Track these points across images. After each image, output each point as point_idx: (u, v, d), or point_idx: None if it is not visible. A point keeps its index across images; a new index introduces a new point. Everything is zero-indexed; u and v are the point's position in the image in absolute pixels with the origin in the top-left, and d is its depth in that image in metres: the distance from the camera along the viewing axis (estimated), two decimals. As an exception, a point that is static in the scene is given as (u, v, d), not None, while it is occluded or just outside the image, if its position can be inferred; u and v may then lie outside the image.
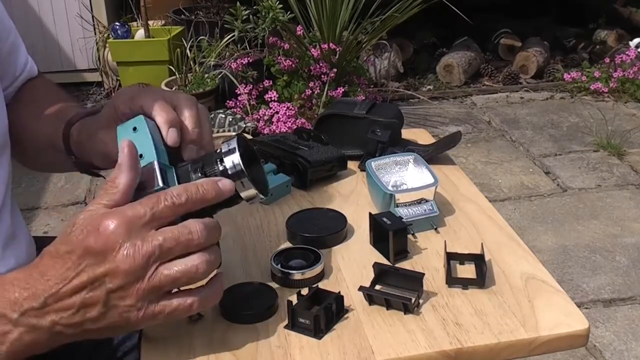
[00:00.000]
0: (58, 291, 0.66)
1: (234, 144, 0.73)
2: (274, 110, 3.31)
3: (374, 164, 1.00)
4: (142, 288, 0.65)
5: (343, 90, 3.39)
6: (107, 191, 0.68)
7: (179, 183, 0.73)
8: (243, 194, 0.73)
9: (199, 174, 0.73)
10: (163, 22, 4.01)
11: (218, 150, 0.74)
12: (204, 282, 0.70)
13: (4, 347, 0.67)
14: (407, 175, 1.01)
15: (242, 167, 0.71)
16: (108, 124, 0.83)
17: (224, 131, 3.28)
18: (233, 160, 0.72)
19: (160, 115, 0.77)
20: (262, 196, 0.74)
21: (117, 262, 0.64)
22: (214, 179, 0.71)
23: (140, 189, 0.71)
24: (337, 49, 3.47)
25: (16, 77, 1.02)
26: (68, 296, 0.66)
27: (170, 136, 0.76)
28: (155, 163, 0.72)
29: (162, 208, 0.66)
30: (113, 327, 0.68)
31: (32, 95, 1.03)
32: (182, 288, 0.69)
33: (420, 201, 0.94)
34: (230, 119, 3.35)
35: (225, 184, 0.71)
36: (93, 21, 4.02)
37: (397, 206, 0.93)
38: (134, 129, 0.75)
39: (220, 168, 0.72)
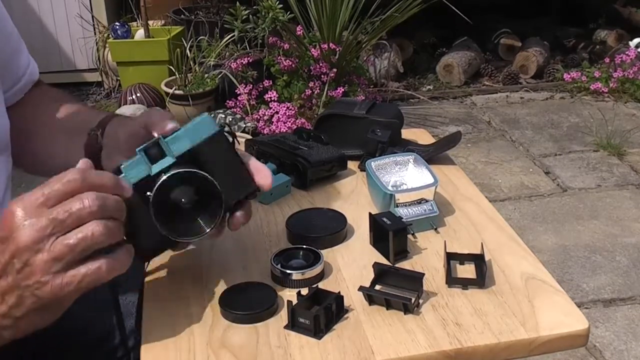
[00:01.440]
0: None
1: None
2: (273, 110, 3.31)
3: (374, 164, 1.00)
4: (43, 260, 0.66)
5: (343, 90, 3.39)
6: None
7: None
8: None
9: None
10: (163, 22, 4.01)
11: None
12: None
13: None
14: (407, 175, 1.01)
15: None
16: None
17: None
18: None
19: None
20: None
21: (16, 241, 0.66)
22: (117, 177, 0.72)
23: None
24: (337, 49, 3.47)
25: (18, 79, 1.02)
26: None
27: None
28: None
29: (56, 187, 0.68)
30: (36, 309, 0.69)
31: (45, 95, 1.04)
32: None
33: (420, 201, 0.94)
34: (230, 119, 3.35)
35: (125, 183, 0.72)
36: (93, 21, 4.02)
37: (397, 206, 0.93)
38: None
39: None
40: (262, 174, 0.80)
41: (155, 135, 0.78)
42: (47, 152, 1.00)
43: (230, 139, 0.78)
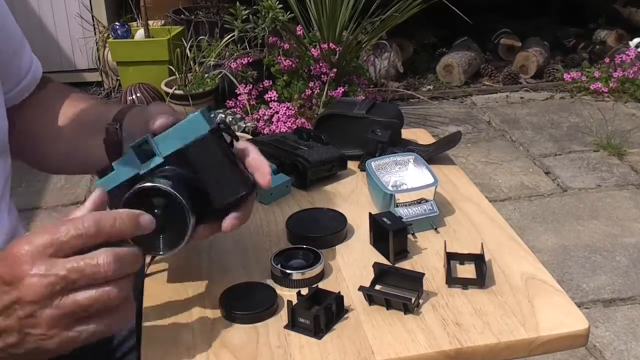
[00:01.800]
0: None
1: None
2: (273, 110, 3.31)
3: (374, 164, 1.00)
4: (50, 315, 0.63)
5: (343, 90, 3.39)
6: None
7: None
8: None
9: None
10: (163, 22, 4.01)
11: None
12: None
13: None
14: (407, 175, 1.01)
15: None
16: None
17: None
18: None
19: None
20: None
21: (22, 292, 0.63)
22: (135, 212, 0.68)
23: None
24: (337, 49, 3.47)
25: (20, 79, 1.01)
26: None
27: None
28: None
29: (69, 238, 0.64)
30: (38, 352, 0.66)
31: (52, 93, 1.03)
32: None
33: (420, 201, 0.94)
34: (230, 119, 3.35)
35: (146, 220, 0.68)
36: (93, 21, 4.02)
37: (397, 206, 0.93)
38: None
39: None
40: (260, 171, 0.77)
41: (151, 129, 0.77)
42: (56, 153, 1.00)
43: (229, 137, 0.77)
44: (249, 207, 0.78)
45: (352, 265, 0.87)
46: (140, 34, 3.74)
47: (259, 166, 0.78)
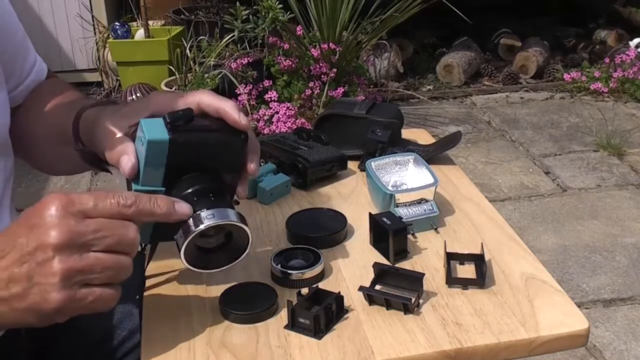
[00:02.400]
0: None
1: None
2: (273, 110, 3.31)
3: (374, 164, 1.00)
4: (67, 267, 0.65)
5: (343, 90, 3.39)
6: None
7: (173, 191, 0.74)
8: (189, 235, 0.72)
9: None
10: (163, 22, 4.01)
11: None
12: None
13: None
14: (407, 175, 1.01)
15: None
16: (122, 117, 0.82)
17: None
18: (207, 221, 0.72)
19: (225, 102, 0.78)
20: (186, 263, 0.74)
21: (49, 235, 0.65)
22: (172, 199, 0.71)
23: None
24: (337, 49, 3.47)
25: (22, 80, 1.00)
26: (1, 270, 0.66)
27: (243, 118, 0.77)
28: (133, 190, 0.74)
29: (106, 204, 0.67)
30: (38, 309, 0.66)
31: (40, 94, 1.01)
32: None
33: (420, 201, 0.94)
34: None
35: (183, 207, 0.72)
36: (93, 21, 4.02)
37: (397, 206, 0.93)
38: (141, 141, 0.74)
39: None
40: (229, 116, 0.77)
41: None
42: (45, 155, 0.99)
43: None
44: (253, 145, 0.80)
45: (352, 265, 0.87)
46: (140, 34, 3.74)
47: (226, 113, 0.78)
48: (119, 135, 0.79)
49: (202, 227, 0.71)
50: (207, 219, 0.72)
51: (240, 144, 0.78)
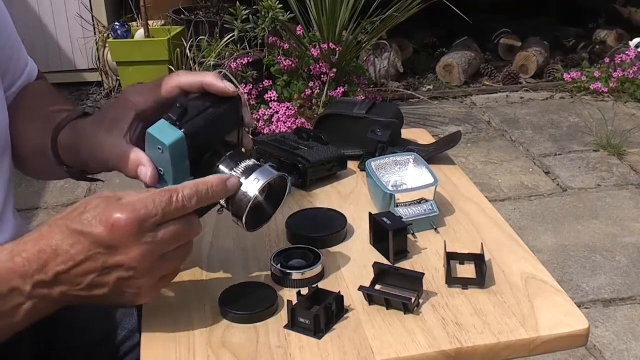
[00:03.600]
0: (69, 270, 0.69)
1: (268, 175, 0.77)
2: (273, 110, 3.31)
3: (374, 164, 1.00)
4: (148, 281, 0.71)
5: (343, 90, 3.39)
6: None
7: (200, 173, 0.77)
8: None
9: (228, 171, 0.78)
10: (163, 22, 4.01)
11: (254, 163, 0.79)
12: None
13: (19, 317, 0.70)
14: (407, 175, 1.01)
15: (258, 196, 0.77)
16: (112, 125, 0.83)
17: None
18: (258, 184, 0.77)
19: (205, 76, 0.80)
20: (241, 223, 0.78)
21: (129, 259, 0.69)
22: (223, 178, 0.75)
23: None
24: (337, 49, 3.47)
25: (15, 80, 1.00)
26: (80, 276, 0.69)
27: (227, 84, 0.80)
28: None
29: (173, 209, 0.70)
30: (117, 300, 0.73)
31: (25, 100, 1.01)
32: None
33: (420, 201, 0.94)
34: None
35: (233, 181, 0.76)
36: (93, 21, 4.02)
37: (397, 206, 0.93)
38: (159, 149, 0.76)
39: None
40: (212, 86, 0.80)
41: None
42: (22, 135, 0.98)
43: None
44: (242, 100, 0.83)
45: (352, 265, 0.87)
46: (140, 34, 3.74)
47: (211, 85, 0.80)
48: (120, 148, 0.81)
49: (257, 191, 0.76)
50: (256, 182, 0.76)
51: (238, 107, 0.82)
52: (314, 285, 0.80)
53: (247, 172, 0.78)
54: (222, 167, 0.79)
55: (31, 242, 0.70)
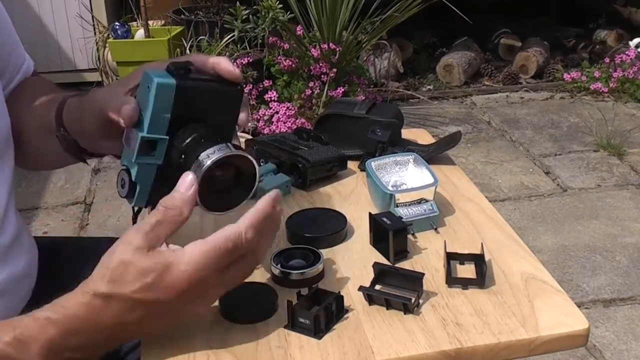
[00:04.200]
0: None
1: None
2: (273, 110, 3.31)
3: (374, 164, 1.00)
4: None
5: (343, 90, 3.39)
6: (168, 222, 0.71)
7: (176, 142, 0.76)
8: None
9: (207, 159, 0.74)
10: (163, 22, 4.01)
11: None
12: None
13: None
14: (407, 175, 1.01)
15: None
16: (118, 82, 0.85)
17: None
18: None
19: (218, 58, 0.80)
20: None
21: (207, 297, 0.73)
22: (270, 202, 0.76)
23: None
24: (337, 49, 3.47)
25: (13, 76, 1.01)
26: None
27: (236, 70, 0.80)
28: (139, 138, 0.75)
29: (236, 257, 0.71)
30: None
31: (26, 88, 1.02)
32: None
33: (420, 201, 0.94)
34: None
35: (276, 197, 0.77)
36: (93, 21, 4.02)
37: (397, 206, 0.93)
38: (148, 87, 0.76)
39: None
40: (225, 70, 0.80)
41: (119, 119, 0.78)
42: (28, 150, 0.99)
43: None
44: (244, 98, 0.82)
45: (352, 265, 0.87)
46: (140, 34, 3.74)
47: (220, 64, 0.80)
48: (118, 96, 0.80)
49: (205, 166, 0.73)
50: (209, 157, 0.73)
51: (239, 94, 0.81)
52: (314, 285, 0.80)
53: (207, 147, 0.75)
54: (191, 138, 0.76)
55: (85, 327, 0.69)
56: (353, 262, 0.87)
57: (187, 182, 0.72)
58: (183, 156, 0.75)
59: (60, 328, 0.68)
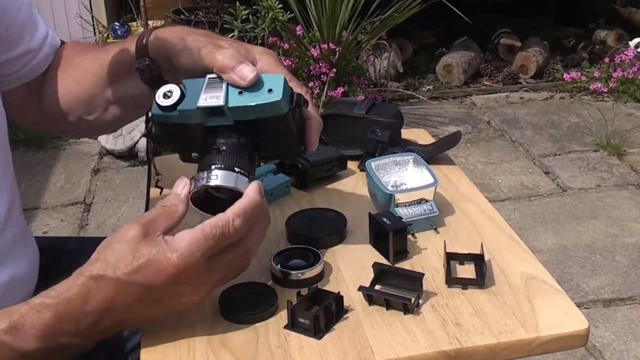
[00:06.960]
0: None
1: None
2: (273, 110, 3.31)
3: (373, 164, 1.00)
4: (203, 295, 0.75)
5: (343, 90, 3.39)
6: (165, 216, 0.74)
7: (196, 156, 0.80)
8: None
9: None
10: (163, 22, 4.01)
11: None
12: None
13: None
14: (407, 175, 1.01)
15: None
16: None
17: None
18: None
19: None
20: None
21: (194, 289, 0.73)
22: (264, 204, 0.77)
23: None
24: (337, 49, 3.47)
25: (36, 53, 0.99)
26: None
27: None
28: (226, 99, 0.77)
29: (226, 245, 0.73)
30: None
31: (67, 53, 1.03)
32: None
33: (420, 201, 0.94)
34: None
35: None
36: (93, 21, 4.02)
37: (397, 206, 0.93)
38: (270, 90, 0.77)
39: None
40: (311, 140, 0.84)
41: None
42: (90, 109, 0.99)
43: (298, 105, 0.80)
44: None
45: (352, 265, 0.87)
46: (140, 34, 3.74)
47: (310, 135, 0.84)
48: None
49: (200, 185, 0.75)
50: (212, 179, 0.75)
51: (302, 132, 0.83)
52: (314, 286, 0.80)
53: (225, 164, 0.77)
54: (202, 173, 0.77)
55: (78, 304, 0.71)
56: (353, 262, 0.87)
57: (182, 183, 0.76)
58: (197, 155, 0.79)
59: (56, 312, 0.69)
